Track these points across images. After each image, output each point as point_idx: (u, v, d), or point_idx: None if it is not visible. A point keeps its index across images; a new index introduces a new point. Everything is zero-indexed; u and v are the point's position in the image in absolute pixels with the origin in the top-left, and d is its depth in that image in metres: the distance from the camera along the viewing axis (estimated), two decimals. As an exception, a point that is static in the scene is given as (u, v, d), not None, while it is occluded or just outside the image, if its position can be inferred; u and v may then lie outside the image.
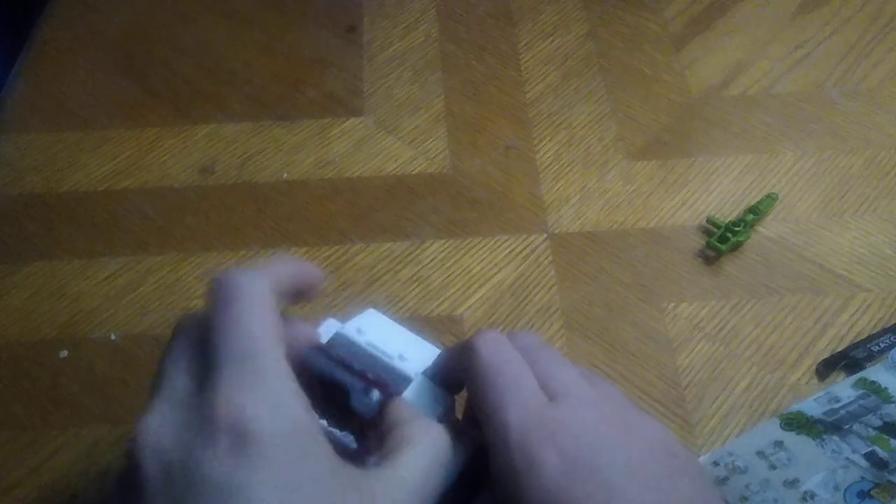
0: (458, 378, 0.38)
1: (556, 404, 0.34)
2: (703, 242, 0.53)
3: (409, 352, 0.39)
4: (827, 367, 0.47)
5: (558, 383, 0.35)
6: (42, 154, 0.59)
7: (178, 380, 0.30)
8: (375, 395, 0.36)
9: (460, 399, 0.39)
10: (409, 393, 0.37)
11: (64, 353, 0.49)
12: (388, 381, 0.37)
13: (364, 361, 0.38)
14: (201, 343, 0.31)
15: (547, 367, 0.36)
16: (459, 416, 0.40)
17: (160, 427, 0.28)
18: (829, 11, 0.68)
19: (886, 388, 0.45)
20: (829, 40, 0.65)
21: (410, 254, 0.53)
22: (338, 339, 0.39)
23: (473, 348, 0.36)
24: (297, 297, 0.37)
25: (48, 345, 0.49)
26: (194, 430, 0.28)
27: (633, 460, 0.32)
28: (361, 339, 0.39)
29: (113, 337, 0.49)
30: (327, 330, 0.40)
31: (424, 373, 0.39)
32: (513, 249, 0.53)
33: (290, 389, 0.30)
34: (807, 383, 0.47)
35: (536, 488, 0.31)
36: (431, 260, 0.53)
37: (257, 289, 0.32)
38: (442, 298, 0.51)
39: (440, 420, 0.37)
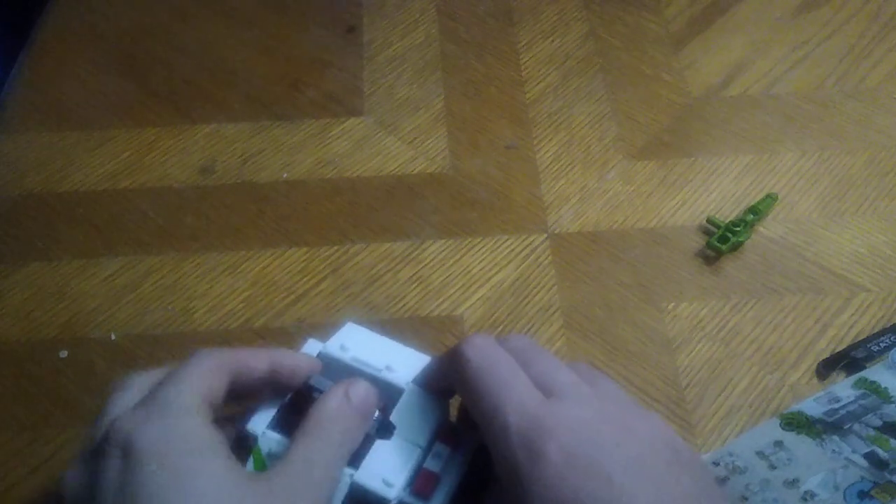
0: (448, 384, 0.38)
1: (554, 402, 0.34)
2: (703, 242, 0.53)
3: (395, 362, 0.39)
4: (827, 367, 0.47)
5: (554, 382, 0.35)
6: (42, 154, 0.59)
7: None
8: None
9: (454, 402, 0.39)
10: (402, 403, 0.38)
11: (64, 353, 0.49)
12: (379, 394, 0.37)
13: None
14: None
15: (541, 368, 0.36)
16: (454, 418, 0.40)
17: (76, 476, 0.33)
18: (829, 11, 0.68)
19: (886, 388, 0.45)
20: (829, 40, 0.65)
21: (410, 254, 0.53)
22: (322, 360, 0.39)
23: (462, 354, 0.36)
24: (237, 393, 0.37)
25: (48, 345, 0.49)
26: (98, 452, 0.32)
27: (634, 456, 0.32)
28: (346, 356, 0.39)
29: (113, 337, 0.49)
30: (309, 351, 0.40)
31: (414, 381, 0.39)
32: (513, 249, 0.53)
33: (188, 417, 0.33)
34: (807, 383, 0.47)
35: (538, 482, 0.31)
36: (431, 260, 0.53)
37: (208, 364, 0.35)
38: (442, 298, 0.51)
39: (437, 428, 0.37)
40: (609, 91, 0.62)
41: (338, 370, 0.39)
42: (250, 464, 0.36)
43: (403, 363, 0.39)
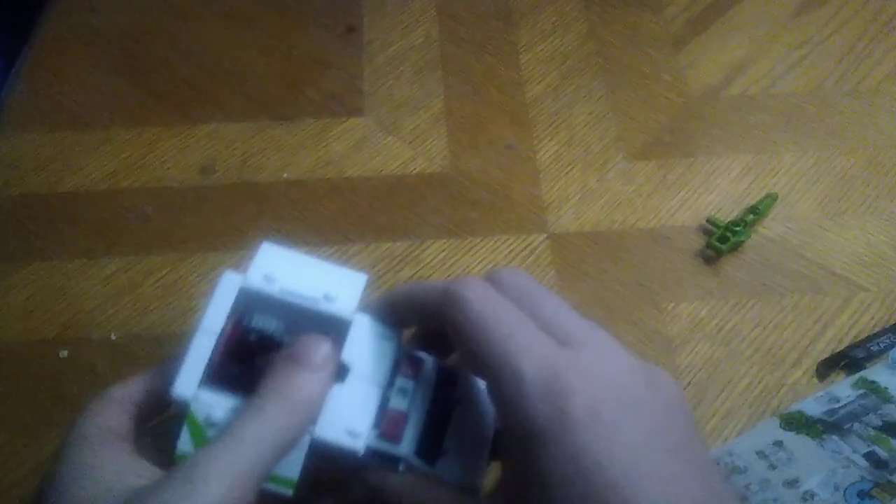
0: (429, 323, 0.35)
1: (571, 351, 0.31)
2: (703, 242, 0.53)
3: (331, 287, 0.34)
4: (827, 367, 0.47)
5: (565, 328, 0.32)
6: (42, 154, 0.59)
7: None
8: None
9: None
10: (352, 338, 0.33)
11: (64, 353, 0.48)
12: (325, 331, 0.32)
13: (288, 317, 0.33)
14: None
15: (548, 311, 0.32)
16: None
17: None
18: (829, 11, 0.68)
19: (886, 388, 0.45)
20: (829, 40, 0.65)
21: (410, 253, 0.53)
22: (247, 299, 0.33)
23: (460, 295, 0.32)
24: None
25: (48, 345, 0.49)
26: None
27: (658, 422, 0.30)
28: (274, 289, 0.34)
29: (113, 337, 0.49)
30: (227, 287, 0.34)
31: (367, 310, 0.35)
32: (513, 249, 0.53)
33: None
34: (807, 383, 0.47)
35: (561, 445, 0.29)
36: (431, 260, 0.53)
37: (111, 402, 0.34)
38: (442, 298, 0.51)
39: (394, 359, 0.34)
40: (609, 91, 0.62)
41: (268, 306, 0.33)
42: (186, 438, 0.31)
43: (341, 288, 0.34)
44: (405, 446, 0.33)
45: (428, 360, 0.35)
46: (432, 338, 0.37)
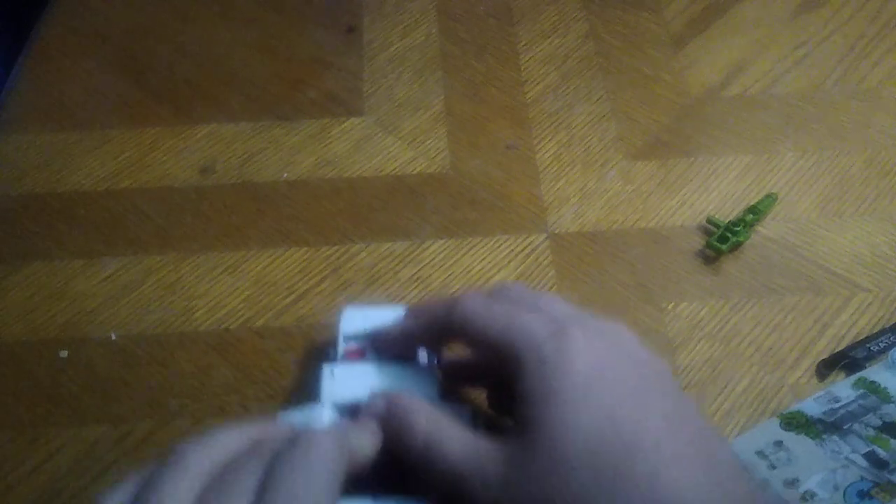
0: (434, 336, 0.39)
1: (566, 328, 0.34)
2: (703, 242, 0.53)
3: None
4: (827, 367, 0.47)
5: (561, 312, 0.36)
6: (42, 154, 0.59)
7: None
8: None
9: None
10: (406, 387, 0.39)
11: (64, 353, 0.49)
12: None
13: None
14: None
15: (543, 303, 0.37)
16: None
17: None
18: (829, 11, 0.68)
19: (886, 388, 0.45)
20: (829, 40, 0.65)
21: (410, 254, 0.53)
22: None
23: (463, 300, 0.37)
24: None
25: (48, 345, 0.49)
26: None
27: (655, 373, 0.35)
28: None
29: (113, 337, 0.49)
30: (346, 324, 0.43)
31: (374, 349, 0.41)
32: (513, 249, 0.53)
33: None
34: (807, 383, 0.47)
35: (566, 397, 0.32)
36: (431, 260, 0.53)
37: (329, 469, 0.30)
38: (442, 298, 0.51)
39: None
40: (609, 91, 0.62)
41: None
42: None
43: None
44: None
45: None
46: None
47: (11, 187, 0.57)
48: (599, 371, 0.33)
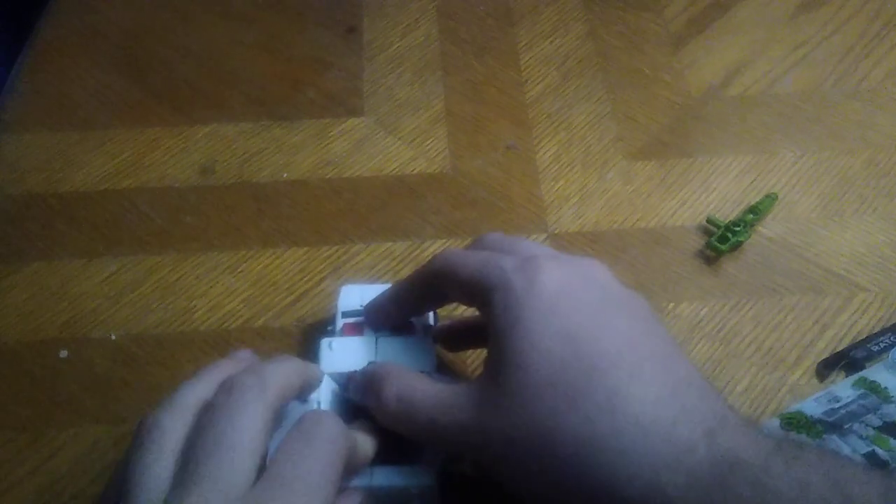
0: (422, 295, 0.41)
1: (544, 259, 0.35)
2: (703, 242, 0.53)
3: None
4: (827, 367, 0.47)
5: (536, 251, 0.37)
6: (42, 154, 0.59)
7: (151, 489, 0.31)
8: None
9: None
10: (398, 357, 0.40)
11: (64, 353, 0.49)
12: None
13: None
14: (185, 446, 0.32)
15: (520, 247, 0.38)
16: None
17: None
18: (829, 11, 0.68)
19: (886, 388, 0.45)
20: (829, 40, 0.65)
21: (411, 254, 0.53)
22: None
23: (442, 253, 0.39)
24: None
25: (48, 345, 0.49)
26: None
27: (622, 298, 0.36)
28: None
29: (113, 337, 0.49)
30: (346, 299, 0.45)
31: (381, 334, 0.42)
32: (513, 249, 0.53)
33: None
34: (807, 383, 0.47)
35: (533, 309, 0.33)
36: (431, 260, 0.53)
37: (259, 406, 0.32)
38: (442, 298, 0.51)
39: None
40: (609, 91, 0.62)
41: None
42: None
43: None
44: None
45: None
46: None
47: (11, 187, 0.57)
48: (565, 295, 0.33)
